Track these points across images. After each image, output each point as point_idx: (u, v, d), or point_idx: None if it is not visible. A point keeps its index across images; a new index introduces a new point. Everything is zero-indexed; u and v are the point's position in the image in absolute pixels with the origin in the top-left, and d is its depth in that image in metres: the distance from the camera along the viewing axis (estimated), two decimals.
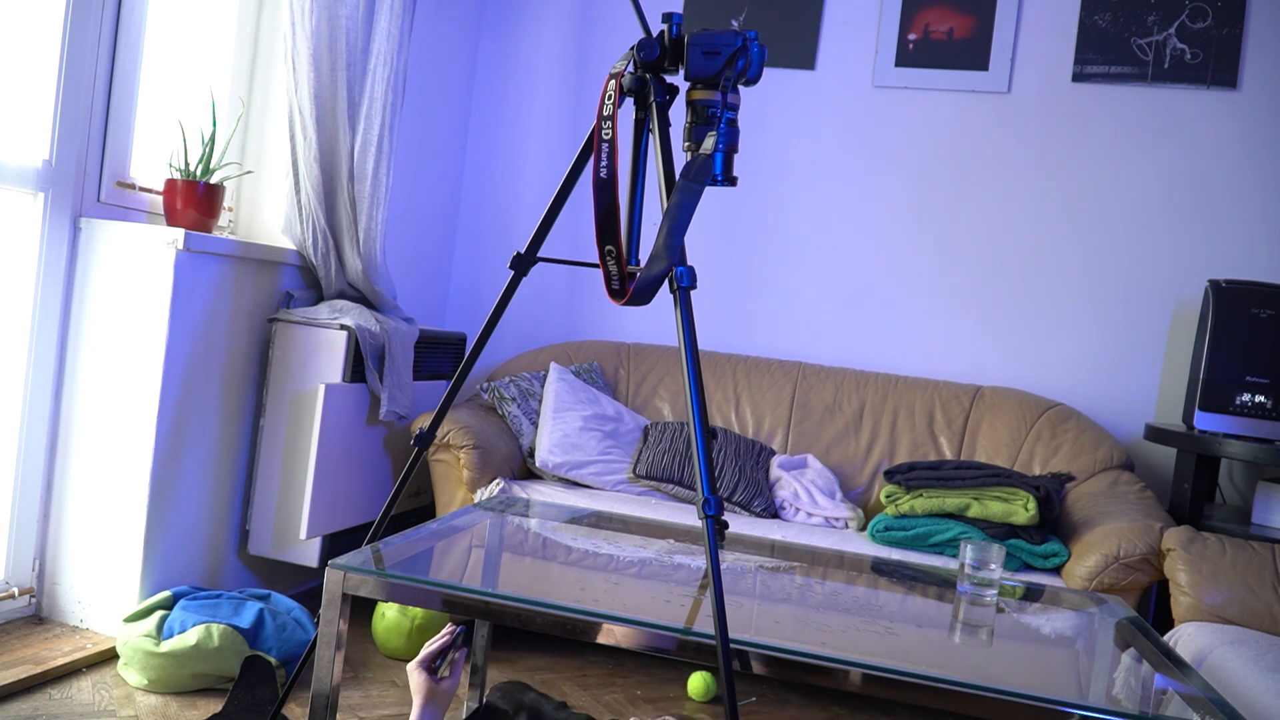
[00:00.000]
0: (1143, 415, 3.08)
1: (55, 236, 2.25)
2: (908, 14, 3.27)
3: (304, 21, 2.54)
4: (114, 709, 2.03)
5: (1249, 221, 3.02)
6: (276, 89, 2.73)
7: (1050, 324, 3.18)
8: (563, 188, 1.84)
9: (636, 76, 1.72)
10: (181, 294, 2.31)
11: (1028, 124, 3.19)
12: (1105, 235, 3.13)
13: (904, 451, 3.02)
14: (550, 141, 3.60)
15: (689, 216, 1.55)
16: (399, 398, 2.77)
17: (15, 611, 2.29)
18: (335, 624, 1.51)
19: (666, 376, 3.26)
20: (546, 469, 2.85)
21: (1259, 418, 2.62)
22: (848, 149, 3.35)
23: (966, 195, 3.25)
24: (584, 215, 3.48)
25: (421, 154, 3.36)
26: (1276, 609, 2.13)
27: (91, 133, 2.30)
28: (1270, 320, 2.64)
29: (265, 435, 2.60)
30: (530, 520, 2.26)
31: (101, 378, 2.30)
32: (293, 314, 2.62)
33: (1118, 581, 2.30)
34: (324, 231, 2.66)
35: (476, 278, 3.64)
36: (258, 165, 2.77)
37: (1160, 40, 3.07)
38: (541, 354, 3.31)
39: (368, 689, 2.28)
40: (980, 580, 1.79)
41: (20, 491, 2.28)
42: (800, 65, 3.37)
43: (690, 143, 1.65)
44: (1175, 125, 3.08)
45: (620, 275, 1.70)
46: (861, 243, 3.33)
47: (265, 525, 2.60)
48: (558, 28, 3.61)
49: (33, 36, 2.18)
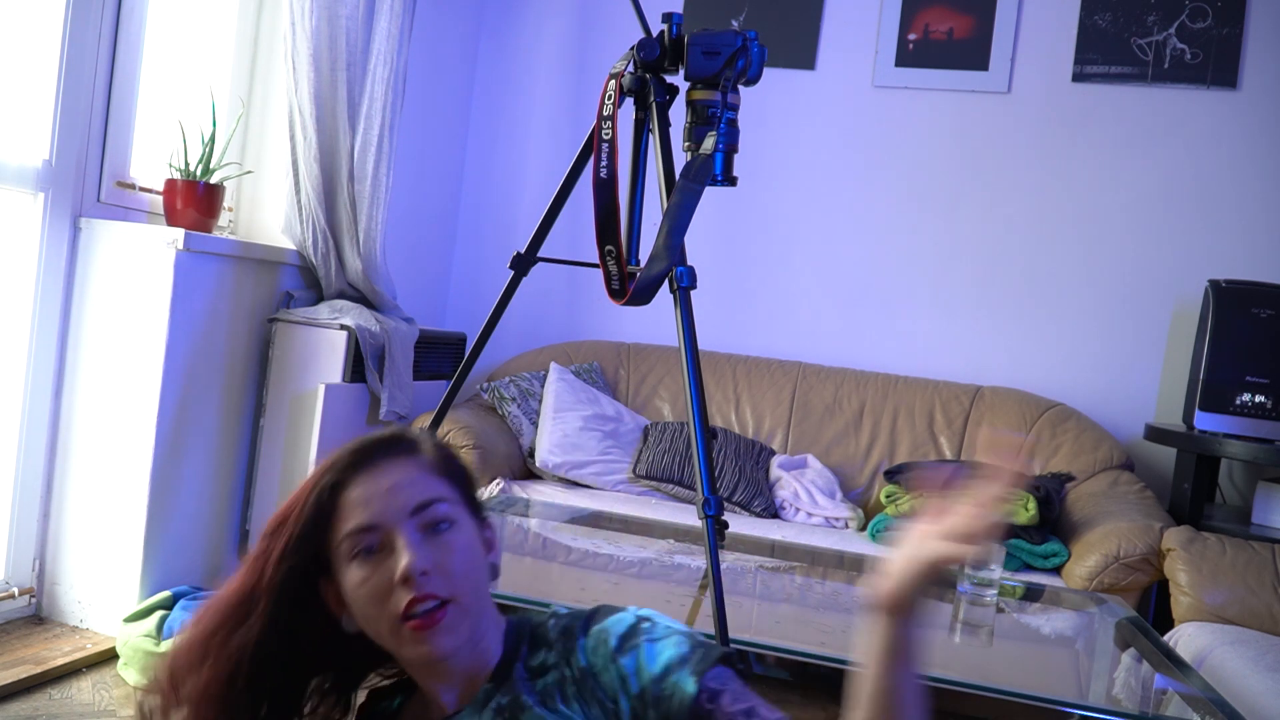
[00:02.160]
0: (1143, 415, 3.08)
1: (55, 236, 2.25)
2: (908, 14, 3.27)
3: (304, 21, 2.53)
4: (114, 709, 2.03)
5: (1249, 221, 3.02)
6: (276, 89, 2.73)
7: (1050, 324, 3.18)
8: (563, 188, 1.84)
9: (636, 76, 1.72)
10: (181, 294, 2.30)
11: (1028, 124, 3.19)
12: (1105, 235, 3.13)
13: (904, 451, 3.01)
14: (550, 141, 3.60)
15: (689, 216, 1.55)
16: (399, 398, 2.77)
17: (15, 611, 2.29)
18: None
19: (666, 376, 3.26)
20: (546, 469, 2.85)
21: (1259, 418, 2.61)
22: (848, 149, 3.35)
23: (966, 195, 3.25)
24: (584, 215, 3.47)
25: (421, 154, 3.36)
26: (1276, 609, 2.13)
27: (91, 133, 2.30)
28: (1270, 320, 2.64)
29: (265, 435, 2.60)
30: (530, 520, 2.26)
31: (101, 378, 2.30)
32: (293, 314, 2.61)
33: (1118, 581, 2.30)
34: (324, 231, 2.66)
35: (476, 278, 3.64)
36: (258, 165, 2.77)
37: (1160, 40, 3.07)
38: (541, 354, 3.31)
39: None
40: (980, 580, 1.78)
41: (20, 491, 2.27)
42: (800, 65, 3.37)
43: (690, 143, 1.65)
44: (1175, 125, 3.08)
45: (620, 275, 1.70)
46: (861, 243, 3.33)
47: None
48: (558, 28, 3.60)
49: (33, 36, 2.17)
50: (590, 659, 0.90)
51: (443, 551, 0.89)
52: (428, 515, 0.90)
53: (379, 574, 0.88)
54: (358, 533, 0.89)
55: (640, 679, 0.87)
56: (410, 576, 0.86)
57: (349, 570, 0.90)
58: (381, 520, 0.90)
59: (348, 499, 0.91)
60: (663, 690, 0.85)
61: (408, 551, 0.87)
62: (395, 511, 0.90)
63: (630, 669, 0.87)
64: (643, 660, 0.87)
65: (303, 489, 0.94)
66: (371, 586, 0.88)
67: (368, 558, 0.89)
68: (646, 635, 0.89)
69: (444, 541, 0.90)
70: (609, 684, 0.88)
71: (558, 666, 0.91)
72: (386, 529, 0.89)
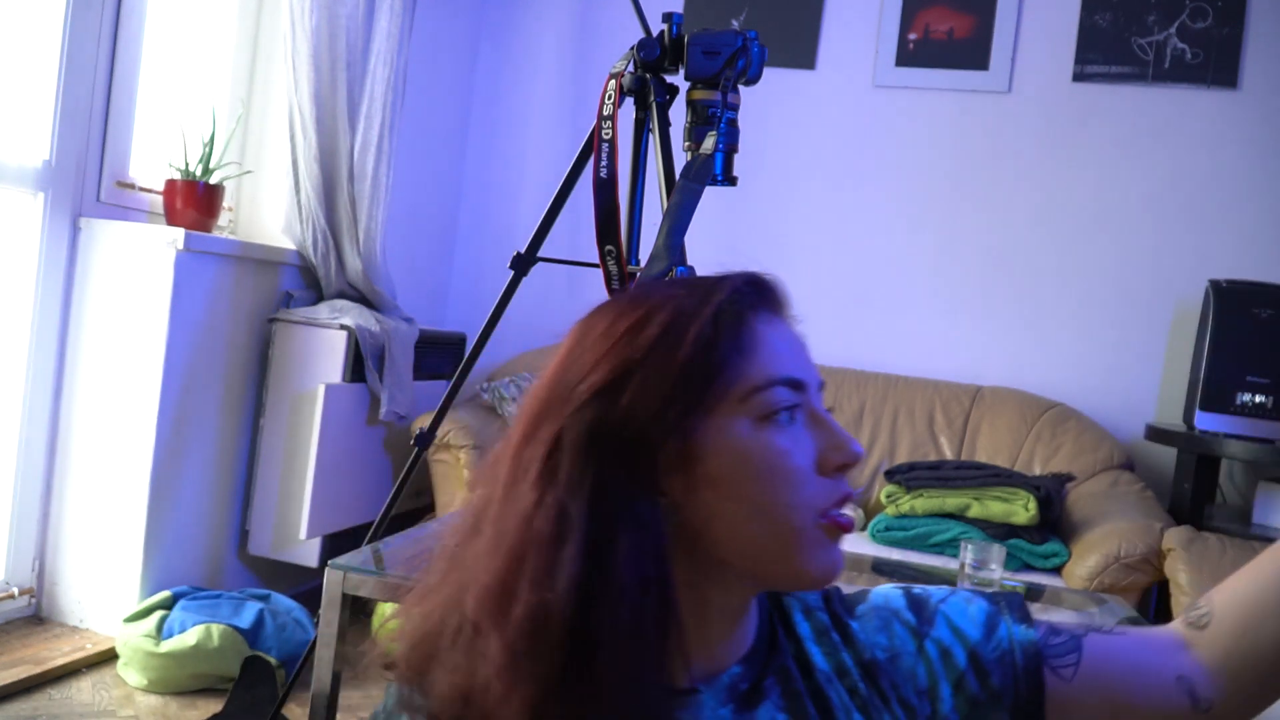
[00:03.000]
0: (1143, 415, 3.07)
1: (55, 236, 2.25)
2: (908, 14, 3.27)
3: (304, 21, 2.53)
4: (114, 709, 2.03)
5: (1249, 221, 3.02)
6: (276, 89, 2.73)
7: (1050, 324, 3.17)
8: (563, 188, 1.83)
9: (636, 76, 1.72)
10: (181, 294, 2.30)
11: (1028, 124, 3.19)
12: (1105, 235, 3.13)
13: (904, 451, 3.01)
14: (550, 141, 3.59)
15: (689, 216, 1.55)
16: (399, 398, 2.77)
17: (15, 611, 2.29)
18: (335, 624, 1.51)
19: None
20: None
21: (1259, 418, 2.61)
22: (848, 149, 3.35)
23: (967, 195, 3.24)
24: (584, 215, 3.47)
25: (421, 154, 3.36)
26: None
27: (91, 133, 2.29)
28: (1270, 320, 2.64)
29: (265, 435, 2.60)
30: None
31: (101, 377, 2.30)
32: (293, 314, 2.61)
33: (1118, 581, 2.30)
34: (324, 231, 2.66)
35: (476, 278, 3.64)
36: (258, 165, 2.77)
37: (1160, 40, 3.07)
38: (541, 354, 3.30)
39: (368, 689, 2.28)
40: (980, 580, 1.78)
41: (20, 491, 2.27)
42: (800, 65, 3.37)
43: (690, 143, 1.65)
44: (1175, 125, 3.07)
45: (620, 275, 1.70)
46: (861, 242, 3.33)
47: (265, 525, 2.60)
48: (558, 27, 3.60)
49: (33, 36, 2.17)
50: (880, 643, 0.71)
51: None
52: (824, 399, 0.69)
53: (800, 449, 0.65)
54: (787, 385, 0.66)
55: (964, 645, 0.70)
56: (852, 463, 0.67)
57: (756, 433, 0.64)
58: (808, 380, 0.68)
59: (764, 337, 0.67)
60: (999, 647, 0.70)
61: (844, 433, 0.67)
62: (815, 377, 0.69)
63: (949, 639, 0.71)
64: (957, 625, 0.71)
65: (661, 304, 0.65)
66: (794, 463, 0.65)
67: (786, 424, 0.65)
68: (936, 599, 0.73)
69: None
70: (922, 670, 0.70)
71: (832, 657, 0.71)
72: (808, 395, 0.67)
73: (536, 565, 0.60)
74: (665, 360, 0.63)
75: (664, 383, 0.63)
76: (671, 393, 0.62)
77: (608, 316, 0.66)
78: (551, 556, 0.60)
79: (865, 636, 0.71)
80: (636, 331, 0.64)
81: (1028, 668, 0.69)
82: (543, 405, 0.65)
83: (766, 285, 0.71)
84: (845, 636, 0.72)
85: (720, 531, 0.64)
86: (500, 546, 0.62)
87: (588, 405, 0.63)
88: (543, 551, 0.60)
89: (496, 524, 0.63)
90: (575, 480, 0.61)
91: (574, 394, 0.63)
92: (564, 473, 0.62)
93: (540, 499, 0.61)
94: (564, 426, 0.63)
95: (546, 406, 0.64)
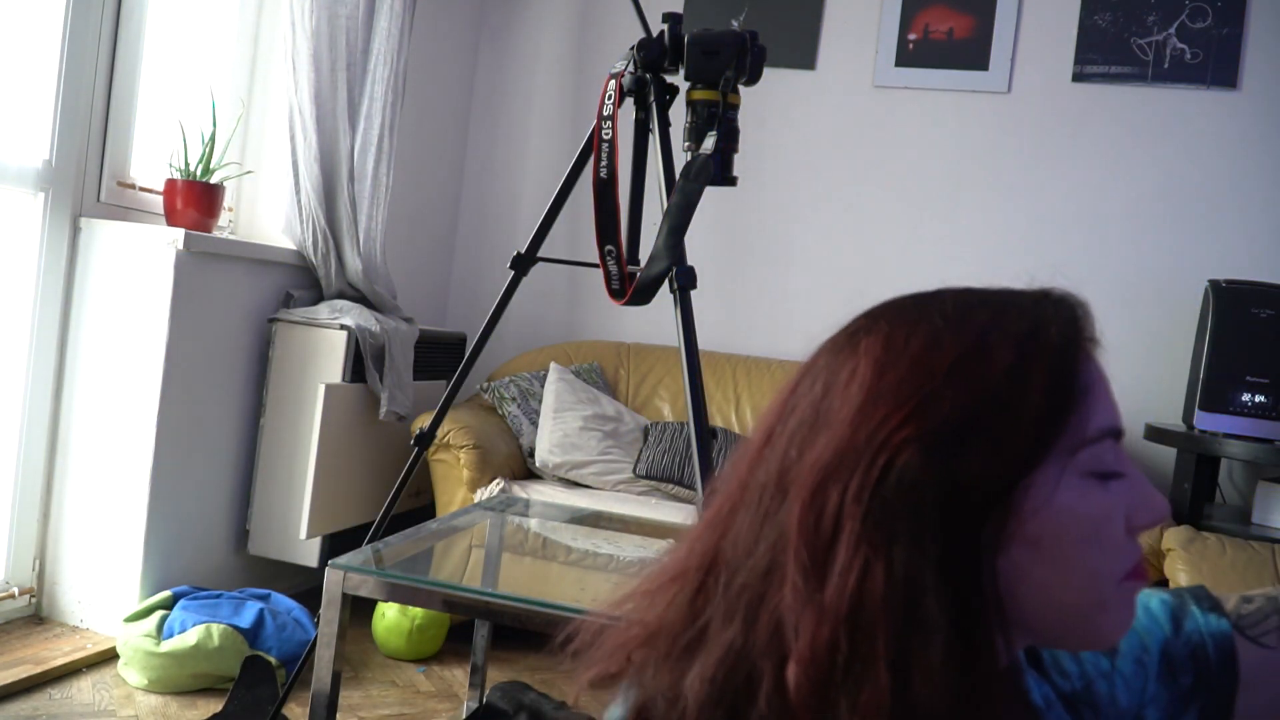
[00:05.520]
0: (1142, 415, 3.07)
1: (55, 236, 2.25)
2: (908, 14, 3.27)
3: (304, 21, 2.53)
4: (114, 709, 2.03)
5: (1249, 221, 3.02)
6: (276, 89, 2.73)
7: None
8: (563, 188, 1.84)
9: (636, 76, 1.72)
10: (182, 294, 2.30)
11: (1028, 124, 3.19)
12: (1105, 235, 3.13)
13: None
14: (550, 141, 3.60)
15: (689, 216, 1.55)
16: (399, 398, 2.77)
17: (15, 611, 2.29)
18: (335, 624, 1.51)
19: (666, 376, 3.26)
20: (546, 469, 2.85)
21: (1259, 417, 2.61)
22: (848, 149, 3.35)
23: (966, 195, 3.24)
24: (584, 215, 3.47)
25: (422, 154, 3.36)
26: None
27: (91, 133, 2.30)
28: (1270, 320, 2.64)
29: (265, 435, 2.60)
30: (530, 520, 2.26)
31: (101, 377, 2.30)
32: (293, 314, 2.61)
33: None
34: (324, 231, 2.66)
35: (476, 278, 3.64)
36: (258, 165, 2.77)
37: (1160, 40, 3.07)
38: (541, 354, 3.30)
39: (368, 689, 2.28)
40: None
41: (20, 491, 2.27)
42: (800, 65, 3.37)
43: (690, 143, 1.65)
44: (1175, 125, 3.07)
45: (620, 275, 1.70)
46: (861, 242, 3.33)
47: (265, 525, 2.60)
48: (558, 28, 3.60)
49: (33, 36, 2.17)
50: (1071, 671, 0.66)
51: None
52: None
53: (1115, 507, 0.57)
54: (1114, 436, 0.59)
55: (1149, 648, 0.66)
56: (1158, 525, 0.62)
57: (1084, 491, 0.56)
58: (1122, 431, 0.60)
59: (1092, 378, 0.60)
60: (1190, 641, 0.65)
61: (1153, 490, 0.59)
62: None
63: (1137, 645, 0.65)
64: (1143, 629, 0.66)
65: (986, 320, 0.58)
66: (1112, 523, 0.57)
67: (1107, 479, 0.58)
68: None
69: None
70: (1113, 691, 0.65)
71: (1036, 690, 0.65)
72: (1120, 445, 0.60)
73: (892, 644, 0.50)
74: (1014, 406, 0.55)
75: (1014, 433, 0.54)
76: (1019, 444, 0.54)
77: (917, 340, 0.57)
78: (907, 631, 0.51)
79: (1057, 664, 0.65)
80: (972, 367, 0.55)
81: (1221, 660, 0.64)
82: (845, 445, 0.54)
83: (1089, 313, 0.63)
84: (1040, 668, 0.65)
85: (1026, 595, 0.56)
86: (829, 614, 0.52)
87: (919, 452, 0.53)
88: (895, 626, 0.51)
89: (809, 586, 0.52)
90: (914, 542, 0.52)
91: (892, 439, 0.53)
92: (897, 532, 0.52)
93: (873, 563, 0.52)
94: (883, 475, 0.53)
95: (851, 448, 0.54)
